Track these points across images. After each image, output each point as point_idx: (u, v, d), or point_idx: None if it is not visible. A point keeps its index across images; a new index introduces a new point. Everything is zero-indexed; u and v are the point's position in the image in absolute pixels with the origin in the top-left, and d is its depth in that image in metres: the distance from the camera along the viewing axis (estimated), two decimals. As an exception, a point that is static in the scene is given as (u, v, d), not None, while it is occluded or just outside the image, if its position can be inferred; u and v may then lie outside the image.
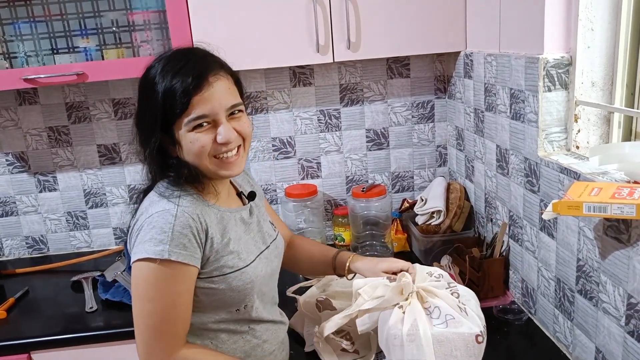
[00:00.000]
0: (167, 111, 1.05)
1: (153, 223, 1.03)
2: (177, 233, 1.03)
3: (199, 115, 1.05)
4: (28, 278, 1.98)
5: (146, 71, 1.10)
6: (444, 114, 2.12)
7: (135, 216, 1.12)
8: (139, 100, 1.11)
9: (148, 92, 1.07)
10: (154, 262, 1.02)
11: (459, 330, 1.10)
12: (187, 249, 1.04)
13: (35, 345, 1.59)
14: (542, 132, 1.37)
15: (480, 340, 1.11)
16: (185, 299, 1.07)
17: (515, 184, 1.52)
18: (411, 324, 1.11)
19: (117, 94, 2.04)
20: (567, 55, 1.33)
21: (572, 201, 1.05)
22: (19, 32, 1.83)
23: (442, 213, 1.88)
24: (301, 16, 1.72)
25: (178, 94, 1.03)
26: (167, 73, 1.05)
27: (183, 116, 1.05)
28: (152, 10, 1.84)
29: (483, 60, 1.66)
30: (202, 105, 1.05)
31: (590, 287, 1.22)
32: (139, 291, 1.05)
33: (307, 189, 2.04)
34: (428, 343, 1.09)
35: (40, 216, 2.14)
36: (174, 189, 1.09)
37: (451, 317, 1.13)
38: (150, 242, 1.02)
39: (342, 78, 2.07)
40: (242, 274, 1.13)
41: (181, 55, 1.09)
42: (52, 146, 2.08)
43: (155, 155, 1.09)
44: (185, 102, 1.03)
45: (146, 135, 1.08)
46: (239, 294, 1.14)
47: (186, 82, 1.03)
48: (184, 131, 1.06)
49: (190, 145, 1.07)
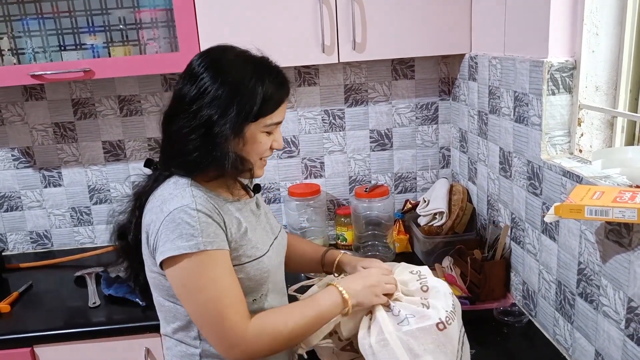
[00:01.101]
0: (259, 111, 1.10)
1: (177, 220, 1.04)
2: (204, 224, 1.05)
3: (278, 121, 1.15)
4: (32, 272, 1.99)
5: (224, 63, 1.11)
6: (447, 116, 2.13)
7: (146, 214, 1.12)
8: (227, 92, 1.08)
9: (238, 86, 1.08)
10: (190, 256, 1.03)
11: (420, 325, 1.13)
12: (218, 236, 1.06)
13: (39, 339, 1.61)
14: (546, 136, 1.38)
15: (441, 328, 1.13)
16: (233, 278, 1.08)
17: (518, 186, 1.53)
18: (377, 331, 1.14)
19: (123, 90, 2.05)
20: (571, 59, 1.34)
21: (574, 204, 1.05)
22: (27, 29, 1.84)
23: (445, 214, 1.88)
24: (307, 16, 1.73)
25: (275, 99, 1.12)
26: (266, 77, 1.11)
27: (267, 118, 1.12)
28: (159, 9, 1.85)
29: (488, 63, 1.67)
30: (282, 113, 1.16)
31: (591, 290, 1.22)
32: (188, 288, 1.06)
33: (310, 189, 2.05)
34: (397, 344, 1.12)
35: (44, 211, 2.16)
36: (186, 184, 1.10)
37: (412, 315, 1.15)
38: (180, 238, 1.03)
39: (347, 78, 2.07)
40: (259, 263, 1.15)
41: (269, 61, 1.16)
42: (58, 142, 2.09)
43: (224, 142, 1.08)
44: (274, 107, 1.13)
45: (226, 125, 1.07)
46: (256, 283, 1.15)
47: (283, 89, 1.14)
48: (258, 130, 1.12)
49: (257, 144, 1.14)
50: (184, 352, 1.17)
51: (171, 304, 1.14)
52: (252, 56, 1.15)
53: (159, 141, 2.11)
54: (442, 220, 1.89)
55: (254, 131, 1.12)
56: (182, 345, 1.17)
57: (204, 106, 1.07)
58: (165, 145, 1.17)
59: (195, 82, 1.09)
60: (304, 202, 2.04)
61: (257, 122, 1.11)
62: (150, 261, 1.12)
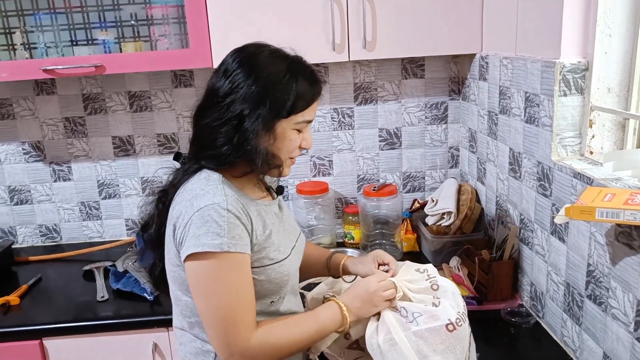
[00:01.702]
0: (292, 107, 1.11)
1: (205, 217, 1.05)
2: (231, 225, 1.05)
3: (309, 119, 1.16)
4: (41, 266, 2.00)
5: (259, 58, 1.13)
6: (457, 115, 2.12)
7: (173, 211, 1.13)
8: (261, 87, 1.09)
9: (272, 82, 1.10)
10: (214, 255, 1.04)
11: (430, 325, 1.13)
12: (242, 239, 1.07)
13: (48, 332, 1.62)
14: (556, 137, 1.37)
15: (451, 329, 1.13)
16: (249, 285, 1.09)
17: (528, 187, 1.53)
18: (385, 331, 1.14)
19: (133, 86, 2.06)
20: (583, 61, 1.33)
21: (585, 206, 1.05)
22: (40, 23, 1.85)
23: (453, 214, 1.88)
24: (318, 15, 1.73)
25: (308, 96, 1.13)
26: (299, 74, 1.12)
27: (298, 115, 1.13)
28: (170, 5, 1.85)
29: (499, 63, 1.66)
30: (313, 111, 1.16)
31: (600, 292, 1.22)
32: (204, 285, 1.07)
33: (318, 186, 2.05)
34: (405, 345, 1.12)
35: (54, 205, 2.17)
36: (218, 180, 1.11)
37: (419, 314, 1.15)
38: (206, 235, 1.04)
39: (356, 77, 2.07)
40: (280, 266, 1.16)
41: (302, 59, 1.17)
42: (68, 136, 2.11)
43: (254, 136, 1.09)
44: (306, 105, 1.13)
45: (258, 120, 1.08)
46: (276, 286, 1.16)
47: (315, 88, 1.15)
48: (289, 127, 1.13)
49: (288, 142, 1.14)
50: (199, 348, 1.17)
51: (189, 298, 1.14)
52: (286, 54, 1.17)
53: (168, 137, 2.14)
54: (450, 220, 1.88)
55: (285, 128, 1.12)
56: (198, 341, 1.17)
57: (237, 100, 1.09)
58: (197, 137, 1.18)
59: (229, 76, 1.11)
60: (312, 200, 2.04)
61: (289, 118, 1.12)
62: (173, 253, 1.13)
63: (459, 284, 1.69)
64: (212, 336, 1.09)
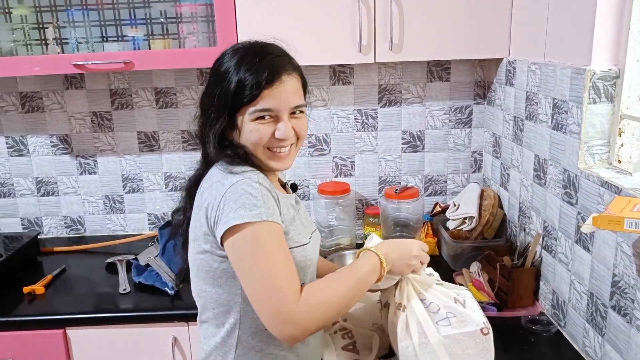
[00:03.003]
0: (237, 98, 1.12)
1: (239, 191, 1.06)
2: (265, 196, 1.07)
3: (265, 108, 1.12)
4: (65, 257, 2.04)
5: (222, 57, 1.17)
6: (481, 120, 2.11)
7: (200, 199, 1.15)
8: (211, 84, 1.16)
9: (221, 78, 1.14)
10: (253, 225, 1.04)
11: (464, 329, 1.14)
12: (276, 211, 1.09)
13: (71, 321, 1.65)
14: (584, 144, 1.35)
15: (485, 332, 1.15)
16: (287, 253, 1.09)
17: (552, 194, 1.51)
18: (419, 332, 1.15)
19: (160, 83, 2.09)
20: (615, 68, 1.31)
21: (613, 216, 1.04)
22: (72, 19, 1.89)
23: (474, 219, 1.87)
24: (345, 16, 1.73)
25: (251, 84, 1.10)
26: (244, 64, 1.12)
27: (250, 105, 1.12)
28: (199, 3, 1.87)
29: (526, 69, 1.65)
30: (269, 99, 1.12)
31: (625, 303, 1.20)
32: (246, 257, 1.06)
33: (339, 187, 2.05)
34: (440, 348, 1.13)
35: (79, 198, 2.21)
36: (237, 167, 1.12)
37: (452, 314, 1.16)
38: (243, 208, 1.05)
39: (381, 79, 2.07)
40: (304, 250, 1.17)
41: (259, 49, 1.15)
42: (95, 130, 2.14)
43: (218, 135, 1.15)
44: (256, 94, 1.11)
45: (214, 117, 1.15)
46: (300, 270, 1.15)
47: (261, 75, 1.11)
48: (247, 119, 1.13)
49: (249, 134, 1.14)
50: (219, 343, 1.18)
51: (214, 289, 1.15)
52: (246, 46, 1.17)
53: (192, 133, 2.17)
54: (472, 225, 1.87)
55: (244, 120, 1.14)
56: (218, 336, 1.18)
57: (203, 104, 1.17)
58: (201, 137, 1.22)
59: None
60: (333, 201, 2.04)
61: (243, 110, 1.13)
62: (200, 239, 1.13)
63: (478, 289, 1.68)
64: (260, 308, 1.06)
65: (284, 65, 1.14)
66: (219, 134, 1.15)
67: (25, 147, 2.15)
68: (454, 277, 1.80)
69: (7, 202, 2.20)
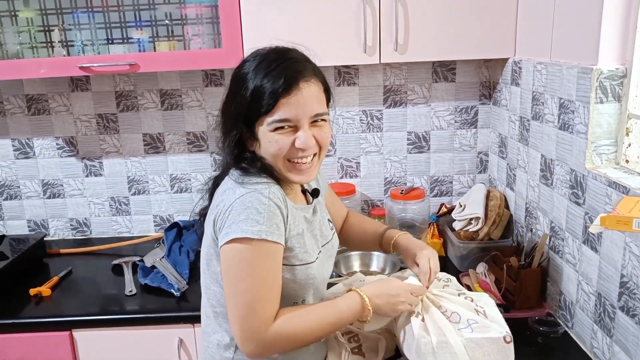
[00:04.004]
0: (253, 108, 1.08)
1: (246, 203, 1.06)
2: (270, 213, 1.06)
3: (283, 118, 1.08)
4: (71, 258, 2.05)
5: (241, 64, 1.14)
6: (487, 120, 2.10)
7: (214, 201, 1.15)
8: (230, 91, 1.15)
9: (239, 85, 1.11)
10: (251, 241, 1.04)
11: (487, 335, 1.14)
12: (279, 229, 1.07)
13: (77, 323, 1.66)
14: (591, 144, 1.35)
15: (508, 340, 1.14)
16: (278, 276, 1.09)
17: (559, 195, 1.50)
18: (438, 333, 1.14)
19: (165, 84, 2.09)
20: (622, 67, 1.30)
21: (621, 216, 1.03)
22: (77, 22, 1.90)
23: (481, 220, 1.86)
24: (350, 17, 1.73)
25: (267, 93, 1.06)
26: (260, 71, 1.08)
27: (267, 115, 1.08)
28: (204, 5, 1.88)
29: (532, 69, 1.64)
30: (287, 108, 1.07)
31: (634, 304, 1.19)
32: (235, 269, 1.07)
33: (345, 188, 2.05)
34: (461, 350, 1.12)
35: (85, 200, 2.22)
36: (249, 178, 1.12)
37: (474, 321, 1.16)
38: (246, 222, 1.04)
39: (386, 79, 2.07)
40: (308, 269, 1.16)
41: (277, 55, 1.11)
42: (100, 132, 2.15)
43: (233, 146, 1.13)
44: (272, 103, 1.06)
45: (229, 126, 1.13)
46: (300, 287, 1.16)
47: (277, 83, 1.06)
48: (265, 129, 1.09)
49: (268, 145, 1.10)
50: (220, 341, 1.19)
51: (218, 289, 1.16)
52: (265, 52, 1.12)
53: (197, 135, 2.17)
54: (478, 226, 1.86)
55: (263, 131, 1.10)
56: (220, 333, 1.19)
57: (223, 111, 1.16)
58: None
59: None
60: (338, 202, 2.04)
61: (261, 121, 1.09)
62: (209, 242, 1.15)
63: (485, 290, 1.67)
64: (233, 319, 1.09)
65: (301, 70, 1.09)
66: (236, 143, 1.13)
67: (31, 149, 2.16)
68: (460, 278, 1.79)
69: (14, 204, 2.21)
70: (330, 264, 1.31)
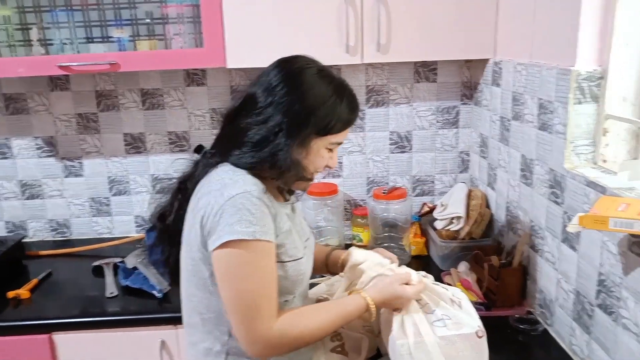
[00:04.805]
0: (328, 125, 1.15)
1: (237, 205, 1.06)
2: (262, 213, 1.08)
3: (340, 142, 1.21)
4: (51, 260, 2.02)
5: (301, 70, 1.16)
6: (468, 120, 2.12)
7: (197, 203, 1.14)
8: (307, 104, 1.13)
9: (321, 102, 1.14)
10: (247, 243, 1.05)
11: (460, 332, 1.16)
12: (271, 228, 1.10)
13: (57, 326, 1.63)
14: (570, 144, 1.37)
15: (480, 335, 1.17)
16: (275, 273, 1.11)
17: (539, 194, 1.52)
18: (414, 333, 1.16)
19: (146, 84, 2.07)
20: (599, 69, 1.32)
21: (598, 215, 1.05)
22: (56, 20, 1.87)
23: (462, 219, 1.88)
24: (333, 16, 1.73)
25: (343, 119, 1.17)
26: (345, 98, 1.17)
27: (334, 136, 1.18)
28: (186, 4, 1.86)
29: (512, 69, 1.66)
30: (345, 134, 1.21)
31: (611, 302, 1.21)
32: (233, 272, 1.07)
33: (327, 188, 2.05)
34: (435, 349, 1.14)
35: (64, 200, 2.19)
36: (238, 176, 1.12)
37: (447, 317, 1.18)
38: (239, 223, 1.05)
39: (368, 79, 2.08)
40: (298, 264, 1.18)
41: (347, 84, 1.22)
42: (80, 132, 2.12)
43: (288, 148, 1.13)
44: (341, 128, 1.18)
45: (293, 128, 1.12)
46: (292, 284, 1.18)
47: (352, 115, 1.19)
48: (321, 145, 1.18)
49: (319, 159, 1.19)
50: (209, 349, 1.18)
51: (205, 295, 1.15)
52: (332, 74, 1.20)
53: (179, 135, 2.15)
54: (460, 225, 1.88)
55: (320, 145, 1.17)
56: (209, 341, 1.17)
57: (277, 112, 1.13)
58: (227, 136, 1.20)
59: (273, 87, 1.14)
60: (321, 202, 2.04)
61: (324, 137, 1.16)
62: (195, 246, 1.13)
63: (467, 289, 1.68)
64: (237, 323, 1.09)
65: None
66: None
67: (9, 149, 2.12)
68: (442, 277, 1.81)
69: (-9, 205, 2.18)
70: (312, 260, 1.32)
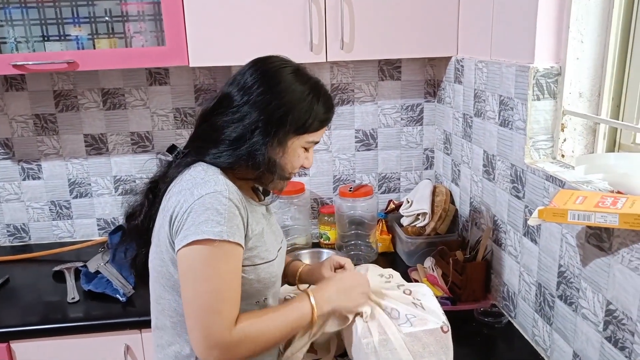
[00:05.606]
0: (305, 124, 1.14)
1: (206, 204, 1.04)
2: (231, 214, 1.05)
3: (317, 141, 1.21)
4: (8, 266, 1.95)
5: (279, 71, 1.15)
6: (432, 117, 2.15)
7: (168, 202, 1.11)
8: (284, 102, 1.12)
9: (298, 101, 1.13)
10: (212, 243, 1.03)
11: (425, 327, 1.17)
12: (239, 230, 1.07)
13: (15, 334, 1.58)
14: (530, 140, 1.40)
15: (445, 330, 1.18)
16: (238, 277, 1.08)
17: (501, 189, 1.55)
18: (379, 331, 1.16)
19: (107, 83, 2.02)
20: (556, 66, 1.36)
21: (557, 208, 1.07)
22: (10, 17, 1.80)
23: (427, 215, 1.90)
24: (296, 15, 1.72)
25: (320, 118, 1.17)
26: (321, 97, 1.17)
27: (311, 135, 1.18)
28: (146, 2, 1.83)
29: (474, 67, 1.69)
30: (322, 134, 1.21)
31: (571, 292, 1.25)
32: (196, 271, 1.04)
33: (294, 187, 2.05)
34: (401, 345, 1.15)
35: (22, 204, 2.12)
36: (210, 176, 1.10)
37: (412, 315, 1.19)
38: (206, 223, 1.03)
39: (333, 78, 2.08)
40: (270, 267, 1.16)
41: (322, 84, 1.21)
42: (38, 134, 2.06)
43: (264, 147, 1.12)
44: (318, 127, 1.18)
45: (270, 127, 1.11)
46: (263, 286, 1.16)
47: (328, 114, 1.19)
48: (298, 144, 1.17)
49: (296, 158, 1.19)
50: (178, 352, 1.15)
51: (173, 297, 1.12)
52: (308, 74, 1.19)
53: (142, 135, 2.11)
54: (425, 221, 1.90)
55: (297, 144, 1.17)
56: (177, 344, 1.15)
57: (254, 110, 1.12)
58: (201, 135, 1.17)
59: (250, 86, 1.13)
60: (287, 201, 2.03)
61: (301, 136, 1.16)
62: (163, 247, 1.11)
63: (433, 284, 1.70)
64: (193, 326, 1.05)
65: None
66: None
67: (-38, 152, 2.04)
68: (409, 272, 1.83)
69: (-56, 210, 2.09)
70: (284, 261, 1.32)
